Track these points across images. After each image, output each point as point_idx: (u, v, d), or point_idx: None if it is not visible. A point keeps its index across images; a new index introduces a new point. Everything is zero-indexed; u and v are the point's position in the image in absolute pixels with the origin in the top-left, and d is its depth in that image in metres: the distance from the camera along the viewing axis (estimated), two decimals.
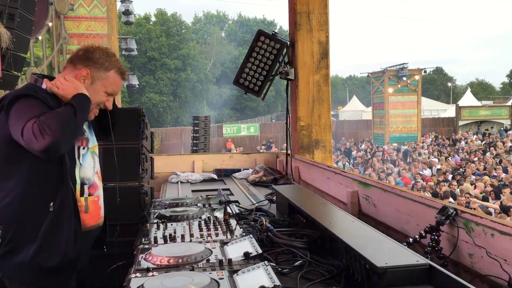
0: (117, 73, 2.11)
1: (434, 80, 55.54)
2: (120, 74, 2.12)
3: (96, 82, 2.05)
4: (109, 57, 2.09)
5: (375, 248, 1.61)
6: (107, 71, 2.07)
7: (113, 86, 2.11)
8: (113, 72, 2.09)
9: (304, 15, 4.26)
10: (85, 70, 2.02)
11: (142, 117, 3.26)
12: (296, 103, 4.30)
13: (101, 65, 2.06)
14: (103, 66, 2.06)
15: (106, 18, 13.92)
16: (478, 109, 30.61)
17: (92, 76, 2.04)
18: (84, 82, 2.02)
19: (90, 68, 2.04)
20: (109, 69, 2.08)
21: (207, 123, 17.09)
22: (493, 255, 1.63)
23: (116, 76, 2.10)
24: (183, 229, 2.22)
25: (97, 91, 2.06)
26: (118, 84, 2.14)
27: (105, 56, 2.08)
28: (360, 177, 2.85)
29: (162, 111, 36.11)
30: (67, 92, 1.96)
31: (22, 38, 6.10)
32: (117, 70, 2.10)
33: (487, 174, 13.29)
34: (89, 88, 2.03)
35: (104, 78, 2.07)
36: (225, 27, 48.09)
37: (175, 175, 4.51)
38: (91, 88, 2.03)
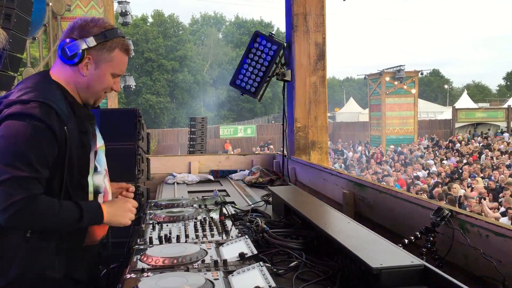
0: (121, 51, 1.86)
1: (431, 82, 55.73)
2: (125, 52, 1.87)
3: (100, 66, 1.82)
4: (111, 34, 1.82)
5: (370, 249, 1.61)
6: (110, 52, 1.82)
7: (120, 66, 1.88)
8: (117, 51, 1.84)
9: (301, 17, 4.26)
10: (86, 58, 1.79)
11: (138, 117, 3.25)
12: (293, 104, 4.31)
13: (103, 45, 1.80)
14: (105, 46, 1.81)
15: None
16: (475, 111, 30.71)
17: (95, 60, 1.81)
18: (87, 69, 1.80)
19: (91, 51, 1.79)
20: (112, 48, 1.83)
21: (204, 124, 17.12)
22: (488, 256, 1.64)
23: (121, 54, 1.86)
24: (179, 230, 2.21)
25: (103, 75, 1.84)
26: (125, 62, 1.90)
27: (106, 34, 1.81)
28: (356, 179, 2.86)
29: (159, 112, 36.12)
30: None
31: (18, 38, 6.09)
32: (121, 47, 1.85)
33: (482, 177, 13.33)
34: (94, 74, 1.82)
35: (108, 60, 1.83)
36: (222, 28, 48.14)
37: (172, 176, 4.50)
38: (95, 74, 1.82)
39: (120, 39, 1.85)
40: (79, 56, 1.77)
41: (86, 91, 1.85)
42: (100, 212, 1.79)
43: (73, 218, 1.69)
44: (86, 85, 1.83)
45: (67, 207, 1.69)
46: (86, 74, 1.81)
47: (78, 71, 1.81)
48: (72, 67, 1.80)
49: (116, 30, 1.85)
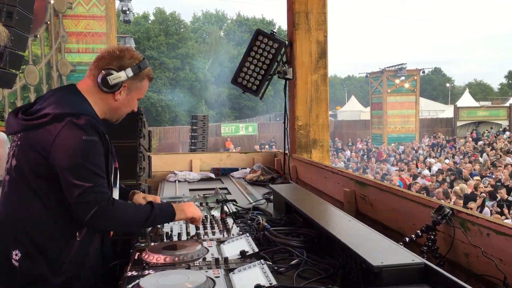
0: (148, 80, 2.09)
1: (433, 80, 55.66)
2: (150, 80, 2.10)
3: (132, 93, 2.02)
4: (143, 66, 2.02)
5: (371, 247, 1.61)
6: (142, 81, 2.04)
7: (145, 92, 2.11)
8: (146, 80, 2.07)
9: (302, 15, 4.26)
10: (123, 87, 1.98)
11: (140, 115, 3.25)
12: (294, 102, 4.30)
13: (137, 76, 2.01)
14: (139, 77, 2.02)
15: (104, 17, 13.91)
16: (476, 110, 30.70)
17: (128, 88, 2.00)
18: (121, 95, 1.99)
19: (126, 80, 1.98)
20: (143, 78, 2.04)
21: (206, 122, 17.11)
22: (488, 255, 1.64)
23: (147, 83, 2.09)
24: (180, 227, 2.22)
25: (133, 100, 2.05)
26: (147, 88, 2.12)
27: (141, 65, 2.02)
28: (357, 177, 2.86)
29: (160, 110, 36.10)
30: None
31: (20, 36, 6.09)
32: (148, 77, 2.07)
33: (482, 175, 13.32)
34: (125, 99, 2.01)
35: (139, 88, 2.05)
36: (224, 26, 48.08)
37: (173, 174, 4.51)
38: (126, 99, 2.02)
39: (148, 69, 2.07)
40: (119, 86, 1.97)
41: (114, 112, 2.05)
42: (171, 208, 2.01)
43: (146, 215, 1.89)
44: (117, 108, 2.03)
45: (141, 206, 1.97)
46: (119, 100, 2.00)
47: (112, 96, 1.99)
48: (109, 94, 1.98)
49: (146, 62, 2.06)
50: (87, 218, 1.72)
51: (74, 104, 1.86)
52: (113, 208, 1.77)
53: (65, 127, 1.77)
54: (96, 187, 1.75)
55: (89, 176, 1.75)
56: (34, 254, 1.78)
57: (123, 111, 2.07)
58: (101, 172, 1.80)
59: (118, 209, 1.80)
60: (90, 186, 1.73)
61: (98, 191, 1.75)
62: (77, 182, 1.72)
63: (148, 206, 1.94)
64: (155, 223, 2.00)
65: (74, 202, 1.73)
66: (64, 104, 1.84)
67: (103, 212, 1.74)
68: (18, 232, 1.80)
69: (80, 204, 1.73)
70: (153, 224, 1.99)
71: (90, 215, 1.72)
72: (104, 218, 1.75)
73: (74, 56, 13.66)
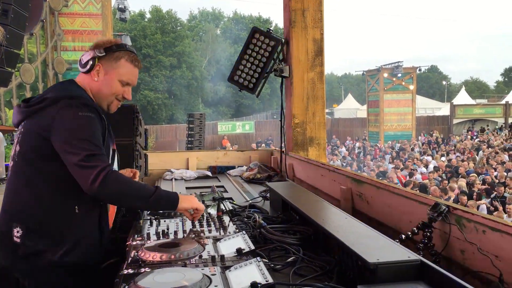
0: (128, 61, 2.12)
1: (429, 78, 55.75)
2: (131, 62, 2.13)
3: (109, 73, 2.08)
4: (118, 47, 2.11)
5: (367, 245, 1.62)
6: (117, 61, 2.09)
7: (127, 75, 2.13)
8: (123, 60, 2.10)
9: (299, 12, 4.26)
10: (97, 65, 2.06)
11: (136, 114, 3.25)
12: (291, 100, 4.31)
13: (111, 55, 2.08)
14: (113, 56, 2.08)
15: (100, 15, 13.87)
16: (473, 107, 30.78)
17: (104, 68, 2.07)
18: (98, 75, 2.07)
19: (101, 60, 2.07)
20: (119, 58, 2.09)
21: (202, 120, 17.10)
22: (484, 251, 1.64)
23: (127, 64, 2.12)
24: (176, 225, 2.22)
25: (111, 80, 2.09)
26: (132, 73, 2.15)
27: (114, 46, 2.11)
28: (354, 174, 2.86)
29: (157, 108, 36.02)
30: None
31: (16, 34, 6.08)
32: (127, 58, 2.12)
33: (478, 172, 13.36)
34: (103, 80, 2.08)
35: (115, 67, 2.09)
36: (220, 24, 47.98)
37: (170, 172, 4.50)
38: (104, 79, 2.08)
39: (127, 51, 2.13)
40: (90, 63, 2.07)
41: (98, 95, 2.10)
42: (175, 194, 2.05)
43: (149, 190, 1.94)
44: (98, 89, 2.10)
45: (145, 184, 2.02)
46: (97, 80, 2.08)
47: (91, 77, 2.08)
48: (87, 74, 2.09)
49: (125, 45, 2.15)
50: (88, 182, 1.78)
51: (69, 90, 2.00)
52: (116, 174, 1.86)
53: (62, 107, 1.88)
54: (96, 155, 1.83)
55: (89, 146, 1.83)
56: (36, 229, 1.88)
57: (105, 92, 2.10)
58: (100, 144, 1.88)
59: (123, 178, 1.89)
60: (90, 153, 1.82)
61: (98, 158, 1.83)
62: (77, 151, 1.81)
63: (152, 186, 1.98)
64: (159, 205, 2.02)
65: (78, 167, 1.81)
66: (60, 89, 2.01)
67: (109, 174, 1.80)
68: (20, 210, 1.91)
69: (84, 168, 1.80)
70: (157, 204, 1.99)
71: (99, 177, 1.78)
72: (111, 182, 1.80)
73: (70, 54, 13.61)
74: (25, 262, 1.87)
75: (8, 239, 1.89)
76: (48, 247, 1.88)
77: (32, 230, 1.88)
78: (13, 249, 1.88)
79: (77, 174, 1.82)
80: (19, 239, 1.87)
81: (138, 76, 2.21)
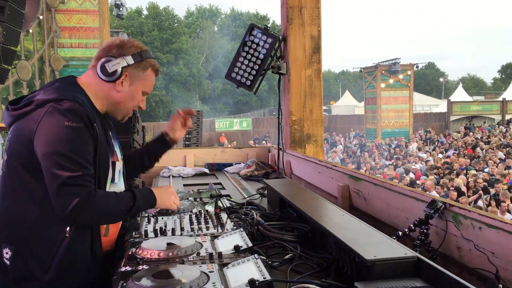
0: (153, 71, 2.00)
1: (426, 75, 55.81)
2: (155, 72, 2.01)
3: (135, 83, 1.93)
4: (145, 54, 1.96)
5: (364, 242, 1.62)
6: (144, 71, 1.95)
7: (150, 85, 2.01)
8: (150, 70, 1.98)
9: (296, 9, 4.25)
10: (123, 74, 1.90)
11: (133, 111, 3.24)
12: (288, 97, 4.31)
13: (139, 64, 1.93)
14: (141, 66, 1.93)
15: (97, 11, 13.81)
16: (470, 104, 30.83)
17: (130, 77, 1.92)
18: (122, 86, 1.91)
19: (128, 69, 1.90)
20: (146, 67, 1.96)
21: (200, 117, 17.01)
22: (481, 248, 1.65)
23: (152, 74, 2.00)
24: (174, 222, 2.22)
25: (136, 92, 1.96)
26: (153, 82, 2.03)
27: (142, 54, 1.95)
28: (351, 171, 2.87)
29: (154, 105, 35.98)
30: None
31: (12, 31, 6.05)
32: (152, 67, 1.99)
33: (475, 169, 13.40)
34: (128, 90, 1.93)
35: (142, 78, 1.95)
36: (217, 21, 47.92)
37: (167, 169, 4.50)
38: (129, 90, 1.93)
39: (152, 60, 1.99)
40: (118, 73, 1.88)
41: (117, 106, 1.95)
42: (151, 194, 1.94)
43: (128, 203, 1.81)
44: (119, 100, 1.93)
45: (121, 194, 1.84)
46: (121, 90, 1.91)
47: (114, 87, 1.90)
48: (109, 83, 1.90)
49: (149, 52, 2.00)
50: (66, 212, 1.63)
51: (61, 91, 1.77)
52: (94, 201, 1.67)
53: (47, 112, 1.68)
54: (77, 178, 1.65)
55: (70, 165, 1.64)
56: (24, 252, 1.72)
57: (127, 105, 1.97)
58: (84, 162, 1.69)
59: (99, 203, 1.69)
60: (70, 176, 1.63)
61: (78, 183, 1.65)
62: (57, 172, 1.63)
63: (130, 196, 1.84)
64: (137, 213, 1.94)
65: (53, 194, 1.65)
66: (51, 91, 1.77)
67: (83, 206, 1.64)
68: (8, 230, 1.75)
69: (59, 196, 1.64)
70: (135, 214, 1.92)
71: (69, 209, 1.62)
72: (83, 213, 1.66)
73: (67, 51, 13.56)
74: (16, 286, 1.73)
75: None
76: (36, 271, 1.71)
77: (20, 252, 1.72)
78: (3, 270, 1.75)
79: (53, 198, 1.65)
80: (8, 260, 1.73)
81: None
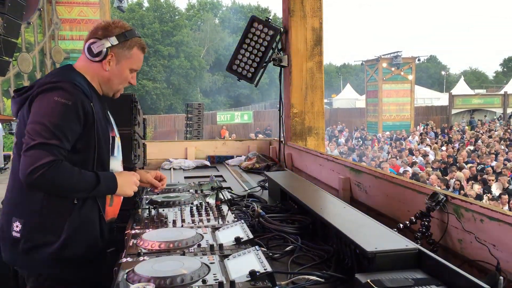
0: (139, 49, 2.11)
1: (428, 68, 55.58)
2: (141, 49, 2.12)
3: (121, 62, 2.06)
4: (130, 34, 2.07)
5: (365, 234, 1.62)
6: (130, 50, 2.07)
7: (137, 63, 2.12)
8: (135, 49, 2.09)
9: (297, 1, 4.23)
10: (109, 55, 2.03)
11: (135, 103, 3.23)
12: (289, 90, 4.29)
13: (123, 44, 2.05)
14: (126, 45, 2.05)
15: (98, 4, 13.76)
16: (471, 97, 30.74)
17: (116, 57, 2.04)
18: (110, 65, 2.04)
19: (113, 49, 2.03)
20: (131, 46, 2.07)
21: (201, 110, 17.03)
22: (482, 240, 1.65)
23: (138, 52, 2.11)
24: (175, 214, 2.22)
25: (123, 70, 2.08)
26: (141, 59, 2.15)
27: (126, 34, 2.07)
28: (352, 164, 2.87)
29: (155, 98, 35.92)
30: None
31: (13, 23, 6.04)
32: (138, 46, 2.10)
33: (478, 162, 13.39)
34: (115, 69, 2.05)
35: (128, 57, 2.07)
36: (219, 13, 47.69)
37: (168, 161, 4.50)
38: (116, 69, 2.06)
39: (137, 38, 2.10)
40: (104, 53, 2.01)
41: (107, 84, 2.09)
42: (115, 182, 1.99)
43: (90, 184, 1.88)
44: (108, 78, 2.07)
45: (86, 173, 1.89)
46: (108, 69, 2.05)
47: (101, 66, 2.04)
48: (97, 63, 2.04)
49: (134, 31, 2.11)
50: (26, 171, 1.73)
51: (61, 75, 1.94)
52: (56, 170, 1.76)
53: (43, 90, 1.84)
54: (47, 146, 1.76)
55: (46, 134, 1.77)
56: (34, 223, 1.85)
57: (115, 82, 2.09)
58: (62, 136, 1.80)
59: (60, 172, 1.78)
60: (42, 142, 1.75)
61: (46, 150, 1.76)
62: (32, 136, 1.76)
63: (94, 177, 1.90)
64: (98, 195, 1.97)
65: (22, 155, 1.77)
66: (51, 76, 1.94)
67: (44, 170, 1.73)
68: (18, 204, 1.89)
69: (25, 156, 1.75)
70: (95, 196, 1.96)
71: (30, 169, 1.73)
72: (43, 178, 1.74)
73: (67, 43, 13.52)
74: (25, 256, 1.85)
75: (7, 234, 1.88)
76: (47, 240, 1.85)
77: (30, 224, 1.86)
78: (12, 243, 1.87)
79: (22, 158, 1.77)
80: (18, 233, 1.86)
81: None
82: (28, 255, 1.85)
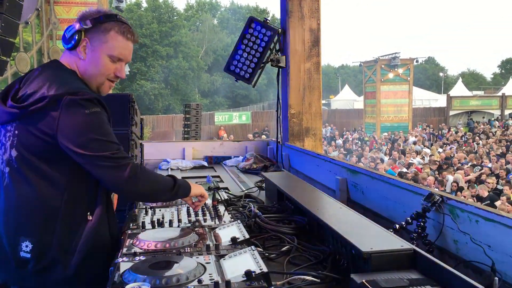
0: (118, 33, 1.83)
1: (426, 70, 55.70)
2: (122, 34, 1.84)
3: (96, 48, 1.81)
4: (107, 17, 1.82)
5: (361, 234, 1.63)
6: (106, 33, 1.81)
7: (118, 49, 1.83)
8: (113, 32, 1.82)
9: (295, 2, 4.23)
10: (83, 40, 1.80)
11: (132, 103, 3.24)
12: (287, 90, 4.30)
13: (98, 27, 1.80)
14: (101, 28, 1.80)
15: (96, 4, 13.71)
16: (469, 99, 30.78)
17: (91, 43, 1.80)
18: (85, 52, 1.81)
19: (88, 34, 1.80)
20: (108, 29, 1.81)
21: (199, 111, 17.02)
22: (477, 241, 1.66)
23: (118, 36, 1.83)
24: (171, 214, 2.22)
25: (99, 57, 1.82)
26: (125, 47, 1.86)
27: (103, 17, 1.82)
28: (349, 165, 2.87)
29: (153, 98, 35.89)
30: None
31: (11, 22, 6.02)
32: (118, 29, 1.82)
33: (473, 164, 13.40)
34: (91, 57, 1.81)
35: (104, 41, 1.80)
36: (217, 14, 47.72)
37: (166, 162, 4.50)
38: (92, 57, 1.81)
39: (118, 22, 1.84)
40: (75, 38, 1.79)
41: (85, 75, 1.85)
42: (187, 184, 1.98)
43: (171, 185, 1.87)
44: (84, 68, 1.84)
45: (162, 175, 1.92)
46: (83, 57, 1.82)
47: (77, 55, 1.83)
48: (73, 51, 1.83)
49: (114, 15, 1.85)
50: (123, 179, 1.68)
51: (66, 82, 1.73)
52: (144, 169, 1.76)
53: (65, 106, 1.65)
54: (119, 153, 1.71)
55: (106, 146, 1.69)
56: (47, 241, 1.70)
57: (94, 72, 1.84)
58: (114, 140, 1.73)
59: (147, 172, 1.78)
60: (112, 153, 1.69)
61: (122, 156, 1.71)
62: (99, 154, 1.67)
63: (170, 178, 1.90)
64: (178, 194, 1.92)
65: (104, 173, 1.69)
66: (57, 83, 1.71)
67: (136, 170, 1.70)
68: (29, 222, 1.72)
69: (110, 170, 1.68)
70: (176, 194, 1.90)
71: (126, 175, 1.68)
72: (139, 180, 1.71)
73: None
74: (36, 277, 1.71)
75: (14, 255, 1.72)
76: (60, 259, 1.71)
77: (43, 243, 1.70)
78: (21, 265, 1.71)
79: (106, 176, 1.70)
80: (29, 254, 1.69)
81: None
82: (40, 276, 1.71)
